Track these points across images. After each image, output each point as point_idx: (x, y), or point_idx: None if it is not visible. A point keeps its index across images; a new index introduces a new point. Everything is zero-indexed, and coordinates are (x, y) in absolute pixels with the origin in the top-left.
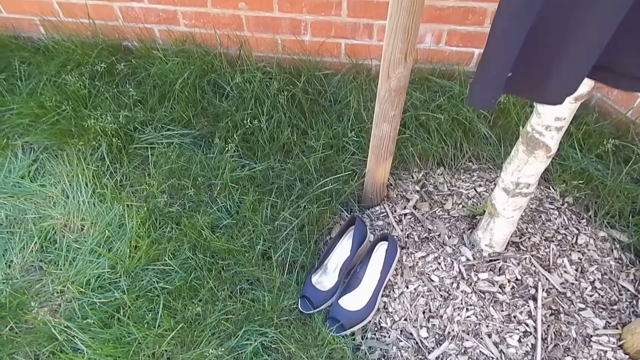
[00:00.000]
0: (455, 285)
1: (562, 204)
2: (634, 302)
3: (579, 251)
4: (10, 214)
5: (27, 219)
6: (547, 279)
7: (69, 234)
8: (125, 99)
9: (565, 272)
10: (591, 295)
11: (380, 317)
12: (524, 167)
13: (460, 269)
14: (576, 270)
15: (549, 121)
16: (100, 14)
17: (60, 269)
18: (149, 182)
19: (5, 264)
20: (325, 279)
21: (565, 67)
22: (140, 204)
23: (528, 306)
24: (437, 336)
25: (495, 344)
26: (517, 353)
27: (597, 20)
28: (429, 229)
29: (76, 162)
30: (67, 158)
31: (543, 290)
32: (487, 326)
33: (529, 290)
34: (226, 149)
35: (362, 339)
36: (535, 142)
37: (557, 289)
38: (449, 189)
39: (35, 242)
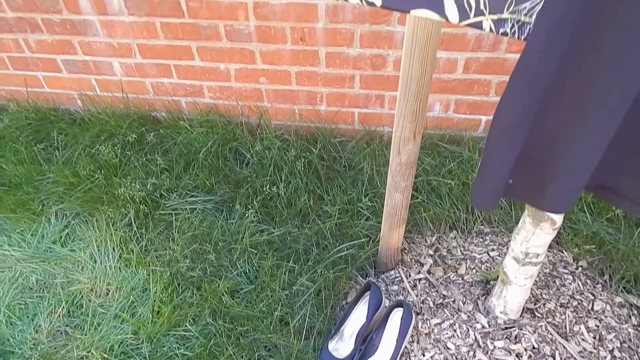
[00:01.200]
0: (472, 353)
1: (576, 268)
2: None
3: (595, 318)
4: (40, 279)
5: (56, 283)
6: (564, 347)
7: (95, 298)
8: (153, 166)
9: (582, 340)
10: None
11: None
12: (532, 237)
13: (476, 337)
14: (594, 338)
15: None
16: (133, 88)
17: (85, 334)
18: (173, 247)
19: (34, 328)
20: (341, 345)
21: (558, 182)
22: (164, 269)
23: None
24: None
25: None
26: None
27: (585, 140)
28: (443, 295)
29: (105, 227)
30: (97, 224)
31: (561, 359)
32: None
33: None
34: (246, 214)
35: None
36: (540, 215)
37: (575, 358)
38: (462, 253)
39: (63, 307)
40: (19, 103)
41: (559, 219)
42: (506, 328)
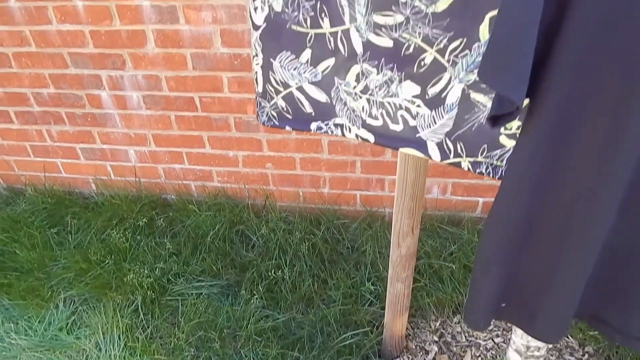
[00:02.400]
0: None
1: (583, 355)
2: None
3: None
4: None
5: None
6: None
7: None
8: (162, 250)
9: None
10: None
11: None
12: None
13: None
14: None
15: None
16: (146, 173)
17: None
18: (178, 334)
19: None
20: None
21: (546, 311)
22: (168, 358)
23: None
24: None
25: None
26: None
27: (566, 272)
28: None
29: (112, 314)
30: (104, 309)
31: None
32: None
33: None
34: (251, 300)
35: None
36: None
37: None
38: (467, 339)
39: None
40: (36, 187)
41: None
42: None
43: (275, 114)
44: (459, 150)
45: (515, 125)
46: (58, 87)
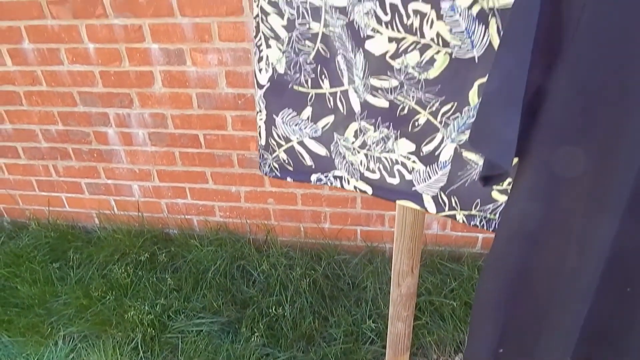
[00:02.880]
0: None
1: None
2: None
3: None
4: None
5: None
6: None
7: None
8: (163, 286)
9: None
10: None
11: None
12: None
13: None
14: None
15: None
16: (148, 208)
17: None
18: None
19: None
20: None
21: (541, 358)
22: None
23: None
24: None
25: None
26: None
27: (559, 320)
28: None
29: (111, 352)
30: (104, 347)
31: None
32: None
33: None
34: (252, 338)
35: None
36: None
37: None
38: None
39: None
40: (40, 222)
41: None
42: None
43: (277, 166)
44: (454, 204)
45: (506, 181)
46: (66, 124)
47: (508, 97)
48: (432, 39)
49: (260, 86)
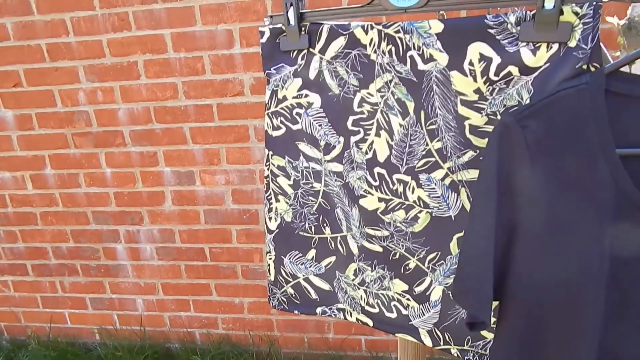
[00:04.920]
0: None
1: None
2: None
3: None
4: None
5: None
6: None
7: None
8: None
9: None
10: None
11: None
12: None
13: None
14: None
15: None
16: (151, 322)
17: None
18: None
19: None
20: None
21: None
22: None
23: None
24: None
25: None
26: None
27: None
28: None
29: None
30: None
31: None
32: None
33: None
34: None
35: None
36: None
37: None
38: None
39: None
40: (40, 339)
41: None
42: None
43: (285, 300)
44: (447, 339)
45: (493, 320)
46: (77, 241)
47: (480, 258)
48: (414, 201)
49: (270, 231)
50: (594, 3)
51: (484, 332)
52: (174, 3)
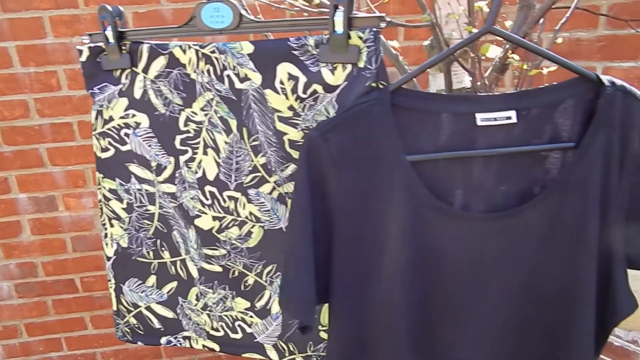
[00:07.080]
0: None
1: None
2: None
3: None
4: None
5: None
6: None
7: None
8: None
9: None
10: None
11: None
12: None
13: None
14: None
15: None
16: None
17: None
18: None
19: None
20: None
21: None
22: None
23: None
24: None
25: None
26: None
27: None
28: None
29: None
30: None
31: None
32: None
33: None
34: None
35: None
36: None
37: None
38: None
39: None
40: None
41: None
42: None
43: (128, 330)
44: (292, 349)
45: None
46: None
47: (299, 269)
48: (246, 217)
49: (108, 258)
50: (373, 30)
51: (323, 335)
52: (19, 13)
